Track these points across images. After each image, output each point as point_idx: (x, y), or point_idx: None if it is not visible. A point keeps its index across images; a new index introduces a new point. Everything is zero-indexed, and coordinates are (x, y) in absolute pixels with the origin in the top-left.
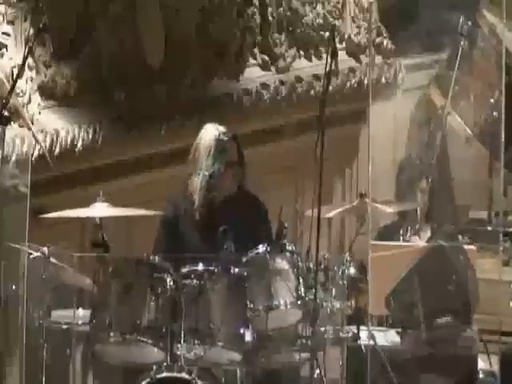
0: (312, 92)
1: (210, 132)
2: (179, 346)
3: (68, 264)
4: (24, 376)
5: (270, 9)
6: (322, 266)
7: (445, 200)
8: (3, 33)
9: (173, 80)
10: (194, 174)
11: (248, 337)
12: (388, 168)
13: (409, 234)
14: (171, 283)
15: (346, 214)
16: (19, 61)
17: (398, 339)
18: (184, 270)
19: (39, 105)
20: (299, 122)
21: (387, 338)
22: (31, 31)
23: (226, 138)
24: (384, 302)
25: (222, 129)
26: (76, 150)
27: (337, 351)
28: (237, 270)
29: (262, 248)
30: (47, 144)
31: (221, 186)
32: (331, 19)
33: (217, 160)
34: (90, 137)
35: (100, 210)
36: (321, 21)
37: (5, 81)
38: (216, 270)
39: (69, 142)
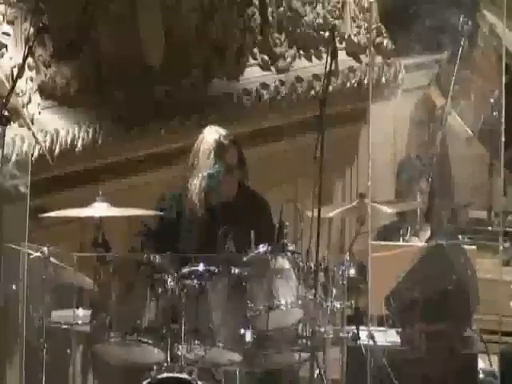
0: (312, 92)
1: (211, 135)
2: (179, 346)
3: (68, 264)
4: (24, 376)
5: (270, 9)
6: (322, 266)
7: (445, 200)
8: (3, 33)
9: (173, 80)
10: (193, 177)
11: (248, 337)
12: (388, 168)
13: (408, 234)
14: (172, 283)
15: (346, 213)
16: (19, 61)
17: (397, 339)
18: (184, 271)
19: (39, 105)
20: (299, 122)
21: (387, 338)
22: (31, 31)
23: (226, 142)
24: (384, 301)
25: (222, 131)
26: (76, 149)
27: (337, 351)
28: (237, 270)
29: (262, 248)
30: (47, 144)
31: (220, 190)
32: (331, 19)
33: (217, 163)
34: (90, 137)
35: (100, 210)
36: (321, 21)
37: (5, 81)
38: (216, 270)
39: (69, 142)
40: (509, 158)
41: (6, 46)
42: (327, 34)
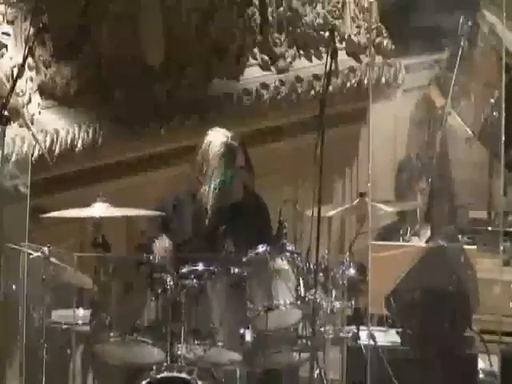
0: (312, 92)
1: (218, 138)
2: (179, 346)
3: (68, 264)
4: (24, 376)
5: (270, 9)
6: (322, 266)
7: (445, 200)
8: (3, 33)
9: (173, 80)
10: (204, 184)
11: (248, 337)
12: (388, 168)
13: (408, 234)
14: (171, 283)
15: (346, 213)
16: (19, 61)
17: (397, 339)
18: (184, 270)
19: (39, 105)
20: (299, 122)
21: (387, 338)
22: (31, 31)
23: (235, 144)
24: (384, 302)
25: (229, 133)
26: (76, 150)
27: (337, 351)
28: (237, 270)
29: (261, 248)
30: (47, 144)
31: (231, 193)
32: (331, 19)
33: (227, 168)
34: (90, 137)
35: (100, 210)
36: (321, 21)
37: (5, 81)
38: (216, 270)
39: (69, 142)
40: (509, 158)
41: (6, 46)
42: (327, 34)
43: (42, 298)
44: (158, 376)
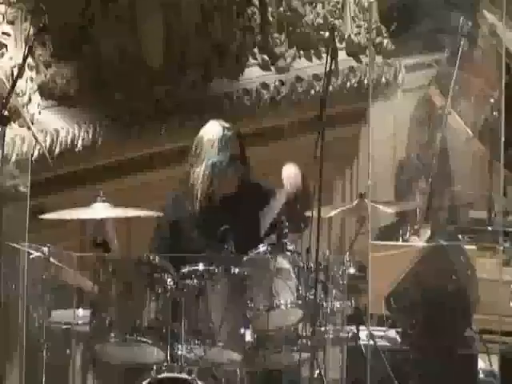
0: (312, 92)
1: (215, 127)
2: (179, 346)
3: (68, 264)
4: (24, 376)
5: (270, 9)
6: (322, 266)
7: (445, 200)
8: (3, 33)
9: (173, 80)
10: (197, 165)
11: (248, 337)
12: (388, 168)
13: (408, 234)
14: (171, 283)
15: (346, 213)
16: (19, 61)
17: (398, 339)
18: (184, 270)
19: (39, 105)
20: (299, 122)
21: (387, 338)
22: (31, 31)
23: (230, 133)
24: (384, 302)
25: (226, 124)
26: (76, 150)
27: (337, 351)
28: (237, 269)
29: (262, 247)
30: (47, 144)
31: (223, 179)
32: (331, 19)
33: (220, 151)
34: (90, 137)
35: (100, 210)
36: (321, 21)
37: (5, 81)
38: (216, 270)
39: (69, 142)
40: (509, 158)
41: (6, 46)
42: (327, 33)
43: (42, 298)
44: (159, 376)
